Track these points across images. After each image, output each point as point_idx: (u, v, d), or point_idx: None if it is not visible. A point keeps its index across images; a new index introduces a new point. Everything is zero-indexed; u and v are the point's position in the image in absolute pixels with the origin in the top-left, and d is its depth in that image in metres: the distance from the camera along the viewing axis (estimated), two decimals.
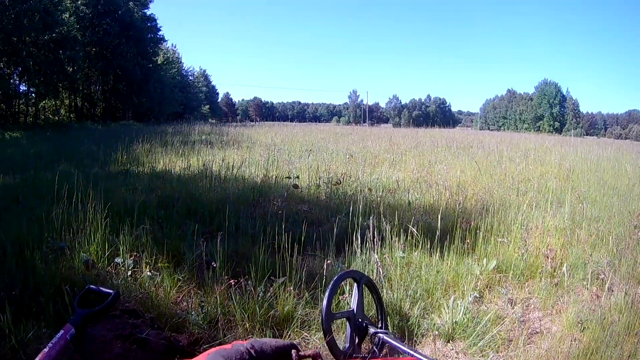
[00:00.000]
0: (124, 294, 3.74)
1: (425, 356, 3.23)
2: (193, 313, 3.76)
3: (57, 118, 43.02)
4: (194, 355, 3.21)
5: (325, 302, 3.08)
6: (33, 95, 39.32)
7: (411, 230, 5.07)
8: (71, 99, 45.89)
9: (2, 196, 7.05)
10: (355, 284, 3.43)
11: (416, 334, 3.79)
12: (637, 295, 4.09)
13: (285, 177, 8.97)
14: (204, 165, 9.75)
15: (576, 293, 4.51)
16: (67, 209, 4.95)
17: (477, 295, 4.34)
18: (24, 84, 38.11)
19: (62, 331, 2.83)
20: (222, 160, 10.59)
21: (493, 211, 6.52)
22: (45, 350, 2.67)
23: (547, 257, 5.00)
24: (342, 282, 3.76)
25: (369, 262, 4.63)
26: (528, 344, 3.65)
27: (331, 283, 3.22)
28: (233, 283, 3.87)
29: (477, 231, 5.44)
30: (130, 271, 4.24)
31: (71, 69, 41.70)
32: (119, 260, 4.36)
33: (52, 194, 5.13)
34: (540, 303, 4.37)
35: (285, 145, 17.95)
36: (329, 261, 4.17)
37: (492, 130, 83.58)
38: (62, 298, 3.50)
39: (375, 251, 4.68)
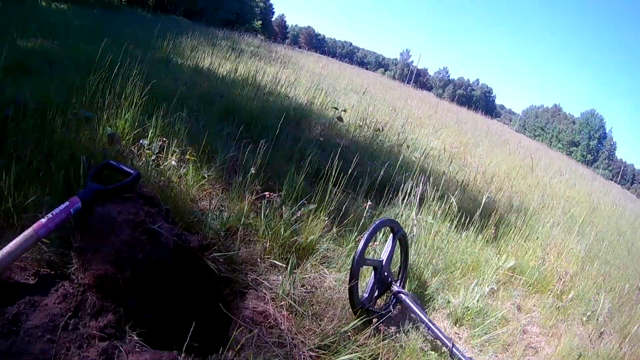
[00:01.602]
0: (143, 179, 3.46)
1: (442, 333, 3.06)
2: (211, 216, 3.52)
3: None
4: (202, 260, 2.99)
5: (362, 244, 3.00)
6: None
7: (450, 201, 5.03)
8: None
9: (37, 58, 6.79)
10: (390, 235, 3.41)
11: (428, 307, 3.77)
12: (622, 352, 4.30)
13: (332, 107, 8.65)
14: (251, 74, 9.41)
15: (575, 325, 4.63)
16: (104, 79, 4.64)
17: (494, 288, 4.37)
18: None
19: (67, 202, 2.53)
20: (270, 74, 10.28)
21: (521, 213, 6.61)
22: (43, 220, 2.38)
23: (561, 279, 5.11)
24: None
25: (400, 216, 4.57)
26: (523, 357, 3.68)
27: (372, 226, 3.14)
28: (267, 195, 3.64)
29: (505, 226, 5.55)
30: (154, 156, 3.96)
31: None
32: (144, 142, 4.08)
33: (90, 63, 4.82)
34: (541, 320, 4.41)
35: (331, 80, 17.70)
36: (369, 203, 4.12)
37: (527, 136, 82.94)
38: (76, 168, 3.22)
39: (414, 208, 4.63)
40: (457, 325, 3.66)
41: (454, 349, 2.92)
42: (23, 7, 15.56)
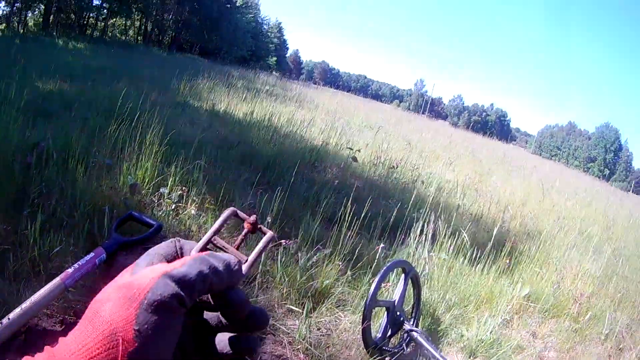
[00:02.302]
0: (163, 229, 3.58)
1: None
2: None
3: (124, 37, 43.59)
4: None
5: (373, 287, 3.09)
6: (105, 10, 39.76)
7: (462, 236, 5.06)
8: (142, 22, 46.34)
9: (55, 101, 6.99)
10: (402, 275, 3.48)
11: (442, 341, 3.79)
12: None
13: (347, 148, 8.76)
14: (267, 116, 9.57)
15: (593, 345, 4.58)
16: (123, 127, 4.80)
17: (508, 318, 4.39)
18: None
19: (92, 254, 2.65)
20: (285, 116, 10.46)
21: (535, 239, 6.57)
22: (70, 270, 2.50)
23: (576, 302, 5.07)
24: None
25: (413, 256, 4.60)
26: None
27: (383, 269, 3.22)
28: (284, 243, 3.71)
29: (519, 255, 5.56)
30: (174, 205, 4.10)
31: None
32: (164, 190, 4.21)
33: (109, 109, 4.98)
34: (558, 344, 4.38)
35: (346, 116, 17.92)
36: (382, 245, 4.17)
37: (544, 157, 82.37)
38: (100, 218, 3.38)
39: (426, 247, 4.65)
40: (471, 357, 3.70)
41: None
42: (41, 46, 15.94)
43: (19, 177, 3.74)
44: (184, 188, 4.26)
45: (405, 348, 3.38)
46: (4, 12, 28.67)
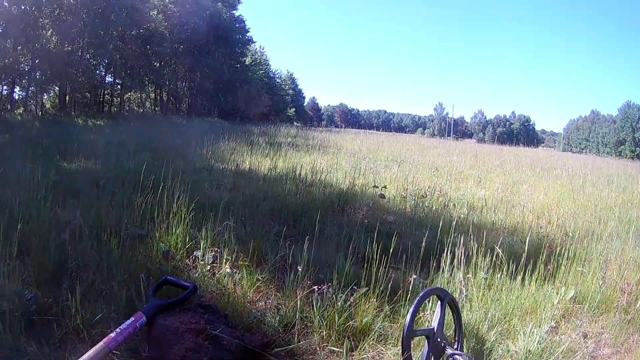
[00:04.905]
0: (200, 289, 3.77)
1: None
2: (269, 315, 3.76)
3: (141, 110, 44.58)
4: (265, 356, 3.19)
5: (408, 318, 3.11)
6: (119, 86, 40.75)
7: (496, 252, 4.95)
8: (157, 93, 47.41)
9: (82, 180, 7.26)
10: (439, 302, 3.48)
11: (489, 359, 3.73)
12: None
13: (372, 187, 8.88)
14: (290, 168, 9.74)
15: None
16: (150, 198, 5.02)
17: (554, 325, 4.28)
18: (109, 75, 39.51)
19: (132, 318, 2.86)
20: (309, 164, 10.62)
21: (574, 238, 6.34)
22: (112, 335, 2.70)
23: (624, 292, 4.88)
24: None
25: (451, 280, 4.60)
26: None
27: (416, 299, 3.23)
28: (317, 289, 3.83)
29: (559, 258, 5.33)
30: (209, 266, 4.29)
31: (158, 64, 43.14)
32: (198, 253, 4.42)
33: (134, 181, 5.20)
34: (611, 340, 4.25)
35: (370, 154, 18.04)
36: (414, 276, 4.18)
37: (574, 152, 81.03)
38: (136, 285, 3.59)
39: (461, 270, 4.62)
40: None
41: None
42: (61, 127, 16.42)
43: (55, 254, 3.97)
44: (216, 249, 4.46)
45: None
46: (20, 96, 29.42)
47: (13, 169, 6.81)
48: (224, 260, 4.29)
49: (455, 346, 3.53)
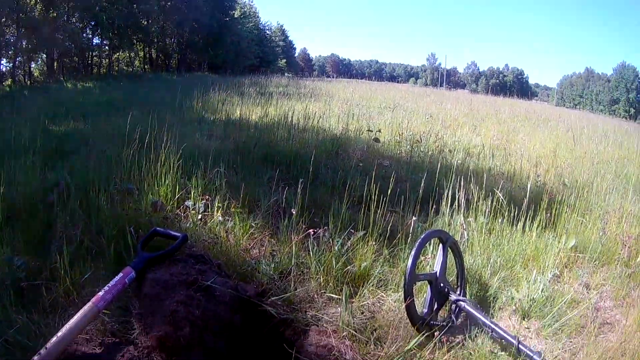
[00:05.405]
0: (191, 239, 3.66)
1: (506, 332, 3.05)
2: (263, 262, 3.66)
3: (131, 69, 43.95)
4: (261, 306, 3.10)
5: (410, 261, 3.04)
6: (107, 47, 40.13)
7: (496, 196, 4.93)
8: (145, 51, 46.72)
9: (71, 139, 7.13)
10: (440, 245, 3.43)
11: (493, 307, 3.72)
12: None
13: (366, 131, 8.77)
14: (282, 115, 9.59)
15: None
16: (139, 151, 4.87)
17: (557, 273, 4.27)
18: (97, 37, 38.85)
19: (120, 274, 2.75)
20: (301, 111, 10.45)
21: (573, 189, 6.41)
22: (101, 293, 2.59)
23: (625, 245, 4.86)
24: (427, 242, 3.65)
25: (449, 225, 4.58)
26: (599, 334, 3.51)
27: (418, 241, 3.17)
28: (312, 233, 3.74)
29: (558, 206, 5.33)
30: (200, 215, 4.17)
31: (146, 22, 42.41)
32: (189, 203, 4.30)
33: (123, 137, 5.05)
34: (613, 292, 4.24)
35: (363, 102, 17.97)
36: (414, 218, 4.12)
37: (567, 107, 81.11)
38: (126, 240, 3.44)
39: (461, 213, 4.60)
40: (525, 319, 3.62)
41: (520, 345, 2.91)
42: (50, 93, 16.21)
43: (44, 217, 3.86)
44: (207, 197, 4.34)
45: (454, 320, 3.34)
46: (7, 68, 29.01)
47: None
48: (216, 209, 4.18)
49: (458, 291, 3.49)
